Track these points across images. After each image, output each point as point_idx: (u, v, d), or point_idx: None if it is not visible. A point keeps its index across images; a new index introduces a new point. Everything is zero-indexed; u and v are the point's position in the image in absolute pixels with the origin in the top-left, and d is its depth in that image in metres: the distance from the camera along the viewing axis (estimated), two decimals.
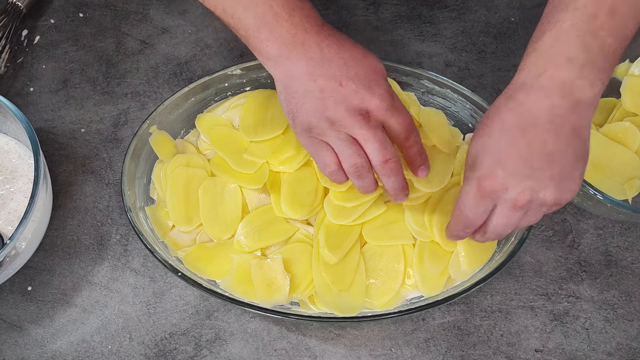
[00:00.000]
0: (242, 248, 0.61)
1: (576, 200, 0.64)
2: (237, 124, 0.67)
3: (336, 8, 0.79)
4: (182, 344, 0.61)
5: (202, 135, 0.67)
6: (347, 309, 0.58)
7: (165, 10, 0.79)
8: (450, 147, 0.65)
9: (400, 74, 0.68)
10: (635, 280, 0.64)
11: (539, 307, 0.63)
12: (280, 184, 0.63)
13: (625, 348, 0.62)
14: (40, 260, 0.65)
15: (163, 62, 0.76)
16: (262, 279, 0.59)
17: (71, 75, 0.75)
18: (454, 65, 0.76)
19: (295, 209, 0.62)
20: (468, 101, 0.66)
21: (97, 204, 0.68)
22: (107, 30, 0.78)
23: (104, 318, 0.62)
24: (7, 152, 0.66)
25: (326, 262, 0.60)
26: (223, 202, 0.63)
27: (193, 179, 0.64)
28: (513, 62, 0.76)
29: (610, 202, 0.59)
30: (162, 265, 0.58)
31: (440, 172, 0.63)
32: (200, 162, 0.65)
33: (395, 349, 0.61)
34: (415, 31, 0.78)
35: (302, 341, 0.61)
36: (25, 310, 0.63)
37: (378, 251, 0.61)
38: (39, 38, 0.77)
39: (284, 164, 0.64)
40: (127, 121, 0.72)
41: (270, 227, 0.62)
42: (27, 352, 0.61)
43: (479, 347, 0.61)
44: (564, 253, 0.65)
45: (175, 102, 0.66)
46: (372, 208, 0.62)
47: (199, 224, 0.62)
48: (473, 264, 0.60)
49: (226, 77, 0.67)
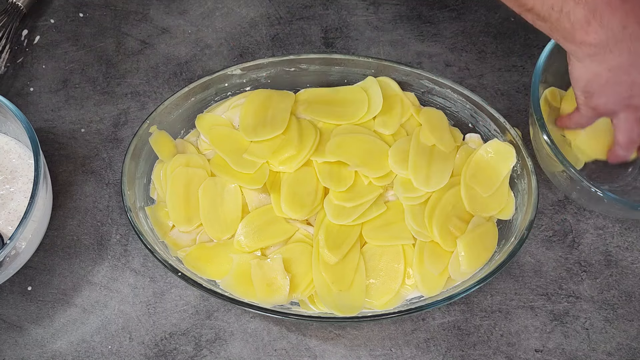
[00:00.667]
0: (242, 248, 0.61)
1: (576, 197, 0.64)
2: (237, 124, 0.67)
3: (336, 8, 0.79)
4: (182, 344, 0.61)
5: (202, 135, 0.67)
6: (347, 309, 0.58)
7: (165, 10, 0.79)
8: (450, 147, 0.65)
9: (400, 74, 0.68)
10: (635, 280, 0.64)
11: (539, 307, 0.63)
12: (280, 184, 0.63)
13: (625, 348, 0.62)
14: (40, 260, 0.65)
15: (163, 62, 0.76)
16: (262, 279, 0.59)
17: (71, 75, 0.75)
18: (454, 65, 0.76)
19: (295, 209, 0.62)
20: (468, 101, 0.66)
21: (97, 204, 0.68)
22: (107, 30, 0.78)
23: (104, 318, 0.62)
24: (7, 152, 0.66)
25: (326, 262, 0.60)
26: (223, 202, 0.63)
27: (193, 179, 0.64)
28: (513, 62, 0.76)
29: (609, 198, 0.59)
30: (162, 265, 0.58)
31: (440, 172, 0.63)
32: (200, 162, 0.65)
33: (395, 349, 0.61)
34: (415, 31, 0.78)
35: (302, 341, 0.61)
36: (25, 310, 0.63)
37: (378, 251, 0.61)
38: (39, 38, 0.77)
39: (284, 164, 0.64)
40: (127, 121, 0.72)
41: (270, 227, 0.62)
42: (27, 352, 0.61)
43: (479, 347, 0.61)
44: (564, 253, 0.65)
45: (175, 102, 0.66)
46: (372, 208, 0.62)
47: (199, 224, 0.62)
48: (473, 264, 0.60)
49: (226, 77, 0.67)
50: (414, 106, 0.67)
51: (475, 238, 0.60)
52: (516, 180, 0.64)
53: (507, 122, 0.63)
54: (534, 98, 0.62)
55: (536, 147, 0.65)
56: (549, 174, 0.66)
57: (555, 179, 0.65)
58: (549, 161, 0.63)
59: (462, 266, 0.59)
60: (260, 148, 0.64)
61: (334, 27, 0.78)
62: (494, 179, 0.63)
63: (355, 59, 0.67)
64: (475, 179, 0.63)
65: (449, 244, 0.61)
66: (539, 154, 0.65)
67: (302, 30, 0.78)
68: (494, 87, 0.74)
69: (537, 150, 0.66)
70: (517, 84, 0.74)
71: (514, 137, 0.63)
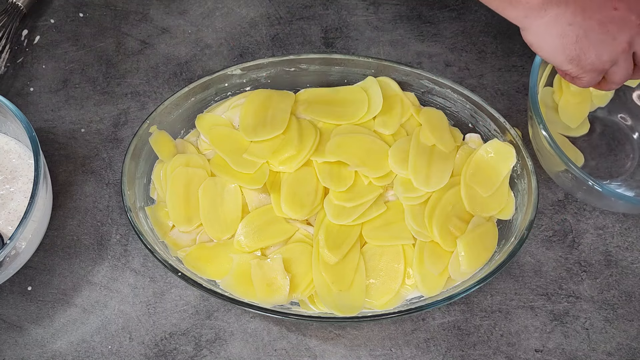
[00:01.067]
0: (242, 248, 0.61)
1: (578, 194, 0.64)
2: (237, 124, 0.67)
3: (336, 8, 0.79)
4: (182, 344, 0.61)
5: (202, 135, 0.67)
6: (347, 308, 0.58)
7: (165, 10, 0.79)
8: (450, 147, 0.65)
9: (400, 74, 0.68)
10: (635, 280, 0.64)
11: (539, 307, 0.63)
12: (280, 184, 0.63)
13: (625, 348, 0.62)
14: (40, 260, 0.65)
15: (163, 62, 0.76)
16: (262, 279, 0.59)
17: (71, 75, 0.75)
18: (454, 65, 0.76)
19: (295, 209, 0.62)
20: (468, 101, 0.66)
21: (97, 204, 0.68)
22: (107, 30, 0.78)
23: (104, 318, 0.62)
24: (7, 152, 0.66)
25: (326, 262, 0.60)
26: (223, 202, 0.63)
27: (193, 179, 0.64)
28: (513, 62, 0.76)
29: (610, 194, 0.59)
30: (162, 265, 0.58)
31: (440, 172, 0.63)
32: (200, 162, 0.65)
33: (395, 349, 0.61)
34: (415, 31, 0.78)
35: (302, 341, 0.61)
36: (25, 310, 0.63)
37: (378, 251, 0.61)
38: (39, 38, 0.77)
39: (284, 164, 0.64)
40: (127, 121, 0.72)
41: (270, 227, 0.62)
42: (27, 352, 0.61)
43: (479, 347, 0.61)
44: (564, 253, 0.65)
45: (175, 102, 0.66)
46: (372, 208, 0.62)
47: (199, 224, 0.63)
48: (473, 264, 0.60)
49: (226, 77, 0.67)
50: (414, 106, 0.67)
51: (475, 238, 0.60)
52: (516, 180, 0.64)
53: (507, 122, 0.63)
54: (532, 96, 0.62)
55: (537, 147, 0.65)
56: (552, 174, 0.66)
57: (559, 179, 0.64)
58: (550, 160, 0.63)
59: (462, 266, 0.59)
60: (260, 148, 0.64)
61: (334, 27, 0.78)
62: (494, 179, 0.63)
63: (355, 59, 0.67)
64: (475, 179, 0.63)
65: (449, 244, 0.61)
66: (540, 153, 0.65)
67: (302, 30, 0.78)
68: (494, 87, 0.74)
69: (537, 150, 0.66)
70: (517, 84, 0.74)
71: (514, 137, 0.63)
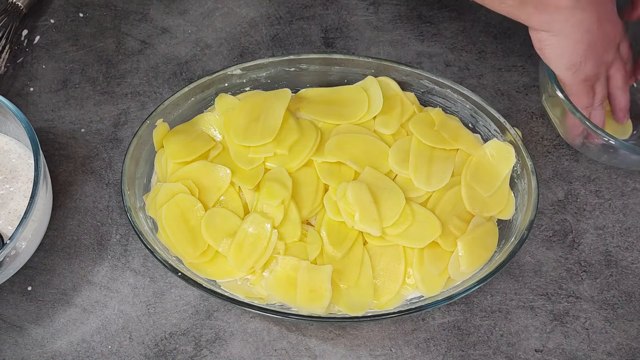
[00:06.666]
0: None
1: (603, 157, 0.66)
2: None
3: (336, 8, 0.79)
4: (182, 344, 0.61)
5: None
6: (356, 306, 0.58)
7: (165, 10, 0.79)
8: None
9: (400, 74, 0.68)
10: (635, 280, 0.64)
11: (538, 307, 0.63)
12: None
13: (625, 348, 0.62)
14: (40, 260, 0.65)
15: (163, 62, 0.76)
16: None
17: (71, 75, 0.75)
18: (454, 65, 0.76)
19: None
20: (468, 101, 0.66)
21: (97, 204, 0.68)
22: (107, 30, 0.78)
23: (104, 318, 0.62)
24: (7, 152, 0.66)
25: (331, 259, 0.60)
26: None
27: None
28: (513, 62, 0.76)
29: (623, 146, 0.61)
30: (162, 265, 0.58)
31: (441, 172, 0.63)
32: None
33: (395, 349, 0.61)
34: (415, 31, 0.78)
35: (302, 341, 0.61)
36: (25, 310, 0.63)
37: (378, 251, 0.61)
38: (39, 38, 0.77)
39: (287, 164, 0.63)
40: (127, 121, 0.72)
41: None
42: (27, 352, 0.61)
43: (479, 347, 0.61)
44: (564, 253, 0.65)
45: (175, 102, 0.66)
46: None
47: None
48: (473, 264, 0.60)
49: (226, 77, 0.67)
50: (414, 106, 0.67)
51: (476, 238, 0.60)
52: (516, 180, 0.64)
53: (507, 122, 0.64)
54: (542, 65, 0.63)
55: (554, 116, 0.67)
56: (572, 143, 0.68)
57: (583, 147, 0.66)
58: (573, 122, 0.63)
59: (462, 266, 0.60)
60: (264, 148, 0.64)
61: (334, 27, 0.78)
62: (494, 179, 0.63)
63: (355, 59, 0.67)
64: (475, 179, 0.63)
65: (449, 244, 0.61)
66: (559, 122, 0.67)
67: (302, 30, 0.78)
68: (494, 87, 0.74)
69: (555, 119, 0.68)
70: (517, 84, 0.74)
71: (514, 137, 0.63)
